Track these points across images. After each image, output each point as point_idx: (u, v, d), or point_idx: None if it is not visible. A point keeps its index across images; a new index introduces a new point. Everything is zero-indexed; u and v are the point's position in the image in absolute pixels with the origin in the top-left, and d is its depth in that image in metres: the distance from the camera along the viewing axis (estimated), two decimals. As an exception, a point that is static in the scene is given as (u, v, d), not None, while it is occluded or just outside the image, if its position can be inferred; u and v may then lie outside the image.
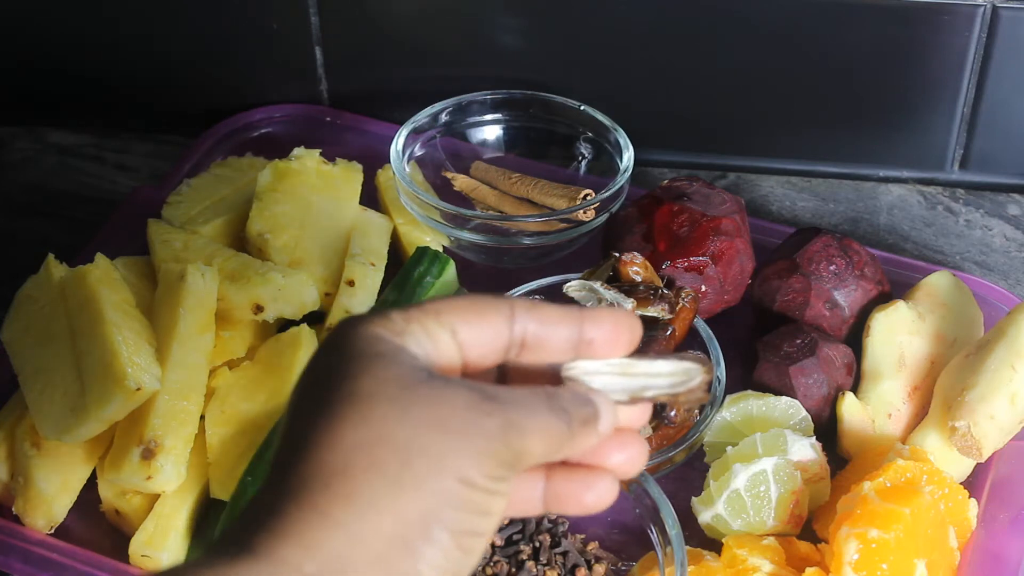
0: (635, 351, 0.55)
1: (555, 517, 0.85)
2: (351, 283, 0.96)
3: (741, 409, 0.88)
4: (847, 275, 0.94)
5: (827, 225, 1.12)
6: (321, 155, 1.05)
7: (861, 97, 1.12)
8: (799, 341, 0.91)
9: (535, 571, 0.81)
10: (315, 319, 0.95)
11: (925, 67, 1.10)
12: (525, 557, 0.82)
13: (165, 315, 0.90)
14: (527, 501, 0.53)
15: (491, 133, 1.11)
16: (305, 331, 0.92)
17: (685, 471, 0.89)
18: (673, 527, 0.78)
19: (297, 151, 1.04)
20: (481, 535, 0.48)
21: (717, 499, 0.83)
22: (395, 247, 1.03)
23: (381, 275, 0.99)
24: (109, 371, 0.84)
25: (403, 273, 0.97)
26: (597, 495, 0.54)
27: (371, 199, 1.06)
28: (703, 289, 0.95)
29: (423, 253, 0.97)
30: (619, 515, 0.85)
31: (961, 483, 0.86)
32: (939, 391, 0.89)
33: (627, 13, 1.10)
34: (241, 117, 1.17)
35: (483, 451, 0.47)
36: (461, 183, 1.08)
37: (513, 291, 0.94)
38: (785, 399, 0.88)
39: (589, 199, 1.02)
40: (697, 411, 0.88)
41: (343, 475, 0.46)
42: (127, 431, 0.86)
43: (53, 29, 1.18)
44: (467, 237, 1.00)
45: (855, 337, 0.94)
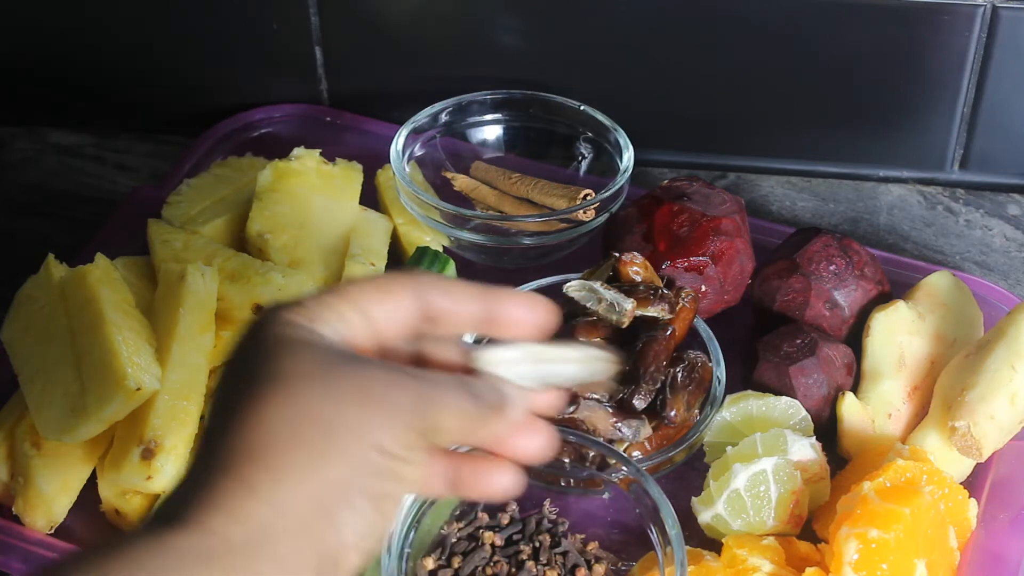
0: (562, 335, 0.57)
1: (555, 517, 0.85)
2: (351, 283, 0.96)
3: (741, 409, 0.88)
4: (847, 275, 0.94)
5: (827, 225, 1.12)
6: (321, 155, 1.05)
7: (861, 97, 1.13)
8: (799, 341, 0.91)
9: (535, 571, 0.81)
10: (315, 319, 0.95)
11: (925, 67, 1.10)
12: (525, 557, 0.82)
13: (165, 315, 0.90)
14: (434, 478, 0.56)
15: (491, 133, 1.11)
16: (305, 331, 0.92)
17: (685, 471, 0.89)
18: (673, 527, 0.78)
19: (297, 151, 1.04)
20: (395, 499, 0.51)
21: (717, 499, 0.83)
22: (395, 247, 1.03)
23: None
24: (109, 371, 0.84)
25: (403, 273, 0.97)
26: (500, 484, 0.57)
27: (371, 199, 1.06)
28: (703, 289, 0.95)
29: (423, 253, 0.97)
30: (619, 515, 0.85)
31: (961, 483, 0.86)
32: (939, 391, 0.89)
33: (627, 13, 1.10)
34: (241, 117, 1.17)
35: (399, 422, 0.50)
36: (461, 183, 1.08)
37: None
38: (785, 399, 0.88)
39: (589, 199, 1.02)
40: (697, 411, 0.88)
41: (268, 449, 0.48)
42: (127, 431, 0.86)
43: (53, 29, 1.18)
44: (467, 237, 1.00)
45: (855, 337, 0.94)
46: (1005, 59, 1.08)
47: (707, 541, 0.85)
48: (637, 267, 0.90)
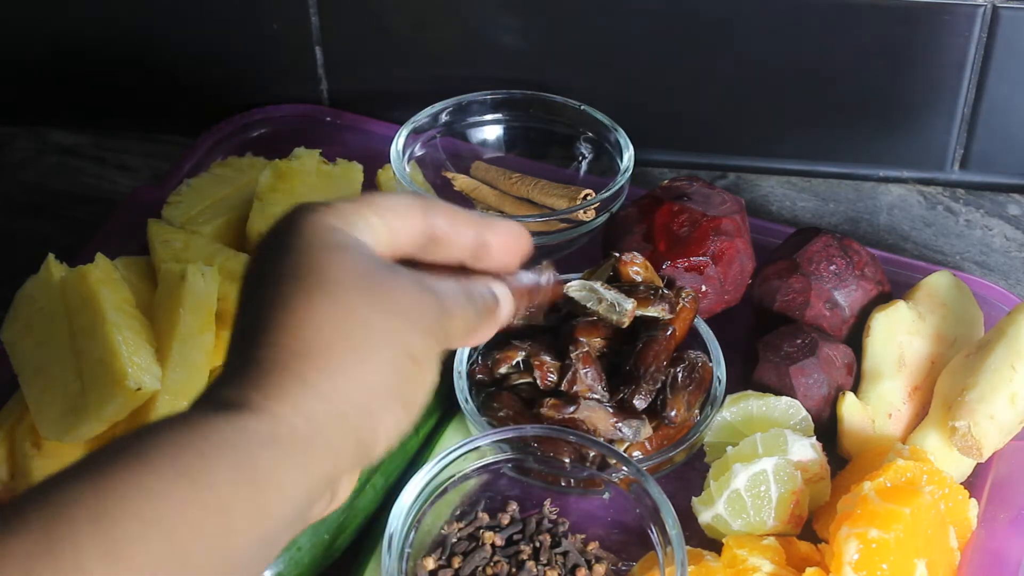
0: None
1: (555, 517, 0.85)
2: (351, 283, 0.96)
3: (741, 409, 0.88)
4: (847, 275, 0.94)
5: (827, 225, 1.12)
6: (321, 155, 1.05)
7: (861, 97, 1.13)
8: (799, 341, 0.90)
9: (535, 571, 0.81)
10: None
11: (925, 67, 1.10)
12: (525, 557, 0.82)
13: (165, 315, 0.90)
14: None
15: (491, 133, 1.11)
16: (305, 331, 0.92)
17: (685, 471, 0.89)
18: (673, 527, 0.78)
19: (297, 151, 1.04)
20: (419, 401, 0.57)
21: (717, 499, 0.83)
22: (395, 247, 1.03)
23: (381, 275, 0.98)
24: (109, 371, 0.84)
25: (403, 273, 0.97)
26: None
27: (371, 199, 1.05)
28: (703, 289, 0.95)
29: (423, 253, 0.97)
30: (619, 515, 0.85)
31: (961, 483, 0.86)
32: (939, 391, 0.89)
33: (627, 13, 1.10)
34: (241, 117, 1.17)
35: (425, 330, 0.56)
36: (461, 183, 1.08)
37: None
38: (785, 399, 0.88)
39: (589, 199, 1.02)
40: (697, 411, 0.88)
41: (320, 349, 0.53)
42: (127, 431, 0.86)
43: (53, 29, 1.18)
44: (467, 237, 1.00)
45: (855, 337, 0.94)
46: (1005, 59, 1.08)
47: (707, 541, 0.85)
48: (637, 267, 0.90)
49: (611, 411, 0.86)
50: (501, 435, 0.83)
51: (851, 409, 0.89)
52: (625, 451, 0.86)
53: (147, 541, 0.47)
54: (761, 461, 0.82)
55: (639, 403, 0.85)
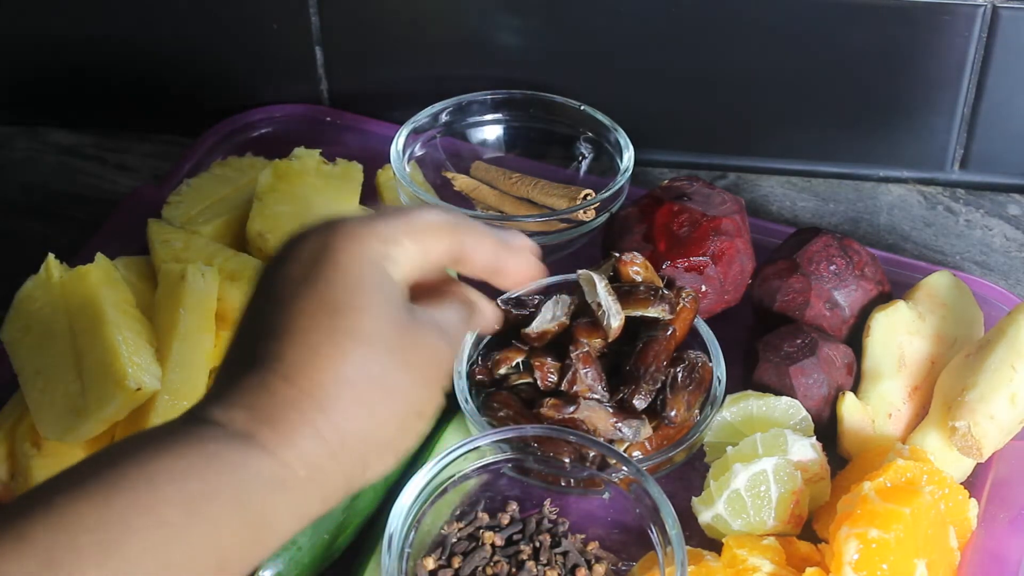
0: None
1: (555, 517, 0.85)
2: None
3: (741, 409, 0.88)
4: (847, 275, 0.94)
5: (827, 225, 1.12)
6: (321, 155, 1.05)
7: (861, 97, 1.13)
8: (799, 341, 0.90)
9: (535, 571, 0.81)
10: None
11: (925, 67, 1.10)
12: (525, 557, 0.82)
13: (165, 315, 0.90)
14: None
15: (491, 133, 1.11)
16: (305, 331, 0.92)
17: (685, 471, 0.89)
18: (673, 527, 0.78)
19: (297, 151, 1.04)
20: (407, 451, 0.61)
21: (717, 499, 0.83)
22: (395, 247, 1.03)
23: (381, 275, 0.98)
24: (109, 371, 0.84)
25: (403, 273, 0.97)
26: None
27: (371, 199, 1.06)
28: (703, 289, 0.95)
29: (423, 253, 0.97)
30: (619, 515, 0.85)
31: (961, 483, 0.86)
32: (939, 391, 0.89)
33: (627, 13, 1.10)
34: (241, 117, 1.17)
35: (437, 383, 0.59)
36: (461, 183, 1.08)
37: (513, 291, 0.94)
38: (785, 399, 0.88)
39: (589, 199, 1.02)
40: (697, 411, 0.88)
41: (336, 398, 0.55)
42: (127, 431, 0.86)
43: (53, 29, 1.18)
44: (467, 237, 1.00)
45: (855, 337, 0.94)
46: (1005, 59, 1.08)
47: (707, 541, 0.84)
48: (637, 267, 0.90)
49: (611, 411, 0.86)
50: (501, 435, 0.83)
51: (851, 409, 0.89)
52: (625, 451, 0.86)
53: (144, 568, 0.47)
54: (761, 461, 0.82)
55: (639, 403, 0.85)
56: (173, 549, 0.48)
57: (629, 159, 1.03)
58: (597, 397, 0.86)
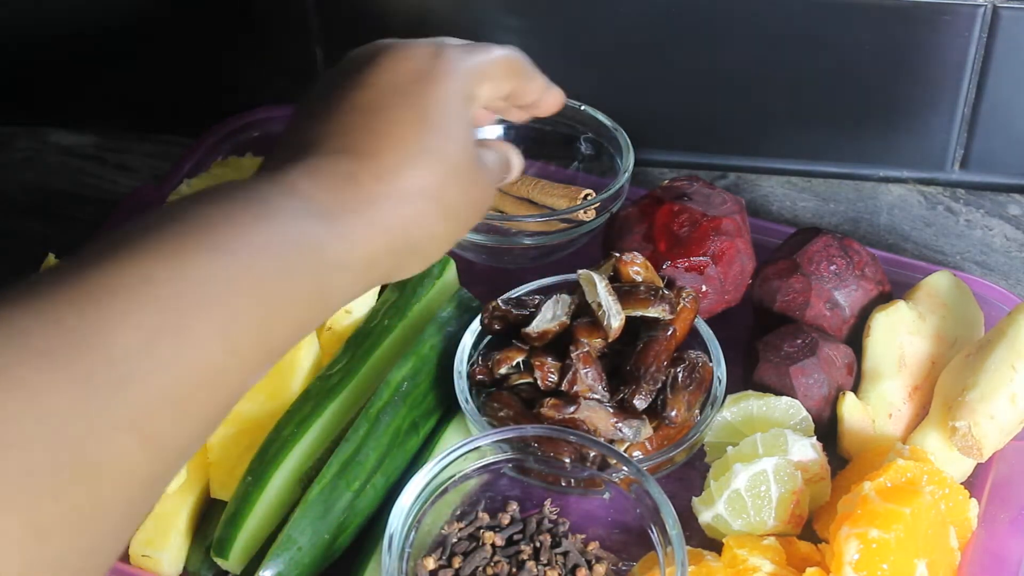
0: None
1: (556, 517, 0.85)
2: (351, 283, 0.96)
3: (741, 409, 0.88)
4: (847, 275, 0.94)
5: (827, 225, 1.12)
6: (321, 155, 1.05)
7: (861, 97, 1.13)
8: (799, 341, 0.90)
9: (535, 571, 0.81)
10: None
11: (925, 67, 1.10)
12: (525, 557, 0.82)
13: (165, 315, 0.90)
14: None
15: (491, 133, 1.11)
16: (305, 331, 0.92)
17: (685, 471, 0.89)
18: (673, 527, 0.78)
19: (297, 151, 1.04)
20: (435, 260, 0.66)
21: (717, 499, 0.83)
22: (395, 247, 1.03)
23: (381, 275, 0.98)
24: (109, 371, 0.84)
25: (403, 273, 0.97)
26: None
27: (371, 199, 1.05)
28: (703, 289, 0.95)
29: (423, 253, 0.97)
30: (619, 515, 0.85)
31: (961, 483, 0.86)
32: (939, 391, 0.89)
33: (627, 13, 1.10)
34: (241, 117, 1.16)
35: (468, 226, 0.66)
36: (461, 183, 1.08)
37: (513, 291, 0.94)
38: (785, 399, 0.88)
39: (589, 199, 1.02)
40: (697, 411, 0.88)
41: (413, 207, 0.61)
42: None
43: (53, 29, 1.18)
44: (467, 237, 1.00)
45: (855, 337, 0.94)
46: (1005, 59, 1.08)
47: (707, 541, 0.85)
48: (637, 267, 0.90)
49: (611, 411, 0.86)
50: (501, 435, 0.83)
51: (851, 409, 0.89)
52: (625, 451, 0.86)
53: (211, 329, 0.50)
54: (761, 461, 0.82)
55: (639, 403, 0.85)
56: (238, 325, 0.51)
57: (629, 159, 1.03)
58: (597, 397, 0.86)
